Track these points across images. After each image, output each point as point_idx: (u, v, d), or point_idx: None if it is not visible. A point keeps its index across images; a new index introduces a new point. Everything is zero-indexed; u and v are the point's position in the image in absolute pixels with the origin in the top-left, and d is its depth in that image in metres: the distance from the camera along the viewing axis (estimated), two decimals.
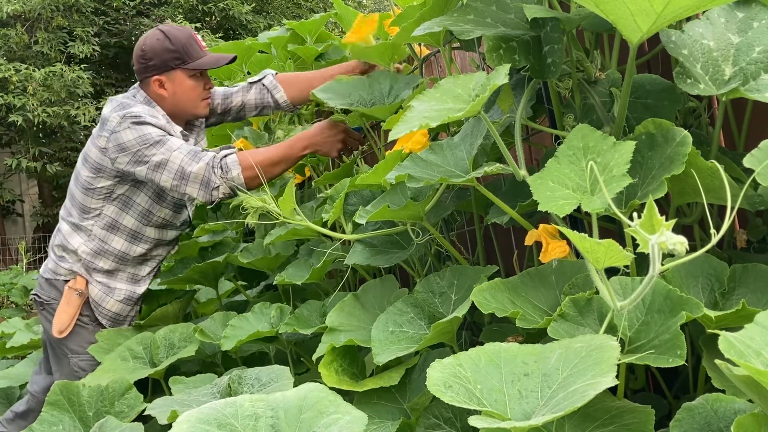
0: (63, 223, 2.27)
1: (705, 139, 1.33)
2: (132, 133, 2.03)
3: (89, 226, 2.20)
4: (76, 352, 2.20)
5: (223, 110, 2.40)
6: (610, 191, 1.02)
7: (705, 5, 1.02)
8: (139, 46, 2.19)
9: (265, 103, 2.37)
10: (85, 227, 2.21)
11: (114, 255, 2.23)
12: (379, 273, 2.02)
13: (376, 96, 1.93)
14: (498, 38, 1.28)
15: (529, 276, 1.28)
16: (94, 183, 2.16)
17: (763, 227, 1.36)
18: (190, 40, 2.17)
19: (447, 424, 1.20)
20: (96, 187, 2.17)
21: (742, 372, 0.73)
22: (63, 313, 2.18)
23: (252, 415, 0.98)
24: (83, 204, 2.20)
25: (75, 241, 2.21)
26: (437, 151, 1.41)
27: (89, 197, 2.19)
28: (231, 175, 1.96)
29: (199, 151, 2.02)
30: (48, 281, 2.27)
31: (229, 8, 11.48)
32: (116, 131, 2.05)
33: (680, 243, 0.75)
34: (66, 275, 2.23)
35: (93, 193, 2.18)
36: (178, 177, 1.99)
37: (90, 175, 2.16)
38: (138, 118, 2.04)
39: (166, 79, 2.16)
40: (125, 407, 1.56)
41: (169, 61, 2.14)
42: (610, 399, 1.00)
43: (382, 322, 1.42)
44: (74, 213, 2.23)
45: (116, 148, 2.06)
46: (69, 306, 2.19)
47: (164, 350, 1.98)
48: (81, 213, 2.21)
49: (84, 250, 2.21)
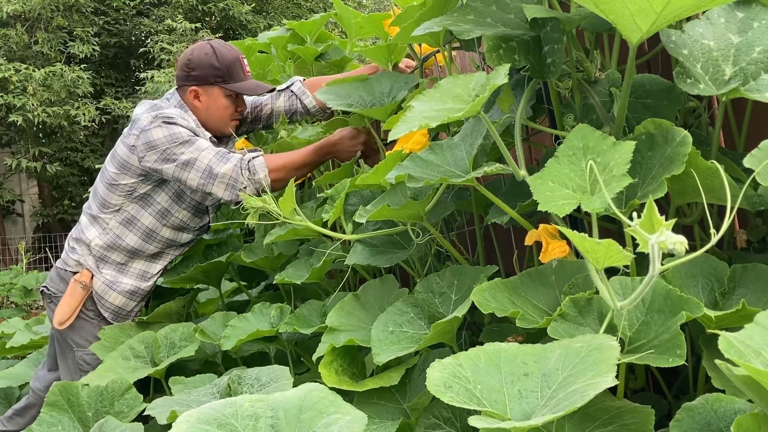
0: (83, 216, 2.33)
1: (705, 139, 1.33)
2: (162, 132, 2.07)
3: (107, 219, 2.24)
4: (80, 345, 2.22)
5: (253, 119, 2.44)
6: (610, 191, 1.02)
7: (705, 5, 1.02)
8: (186, 54, 2.25)
9: (294, 108, 2.41)
10: (102, 220, 2.24)
11: (126, 251, 2.26)
12: (379, 273, 2.02)
13: (377, 97, 1.93)
14: (498, 38, 1.28)
15: (529, 276, 1.28)
16: (118, 179, 2.19)
17: (763, 227, 1.36)
18: (236, 63, 2.21)
19: (447, 424, 1.20)
20: (119, 184, 2.20)
21: (742, 372, 0.73)
22: (65, 305, 2.20)
23: (252, 415, 0.98)
24: (104, 198, 2.24)
25: (90, 233, 2.25)
26: (437, 151, 1.41)
27: (111, 193, 2.22)
28: (258, 177, 2.00)
29: (226, 152, 2.06)
30: (58, 273, 2.31)
31: (229, 8, 11.48)
32: (147, 129, 2.08)
33: (680, 243, 0.75)
34: (74, 267, 2.26)
35: (116, 189, 2.21)
36: (205, 176, 2.02)
37: (115, 171, 2.20)
38: (169, 119, 2.08)
39: (202, 92, 2.20)
40: (125, 407, 1.56)
41: (211, 76, 2.18)
42: (610, 399, 1.00)
43: (382, 322, 1.42)
44: (94, 206, 2.28)
45: (145, 146, 2.08)
46: (72, 298, 2.21)
47: (165, 349, 1.99)
48: (101, 206, 2.25)
49: (97, 242, 2.24)
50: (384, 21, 2.12)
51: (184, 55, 2.25)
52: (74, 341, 2.23)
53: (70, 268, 2.27)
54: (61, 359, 2.29)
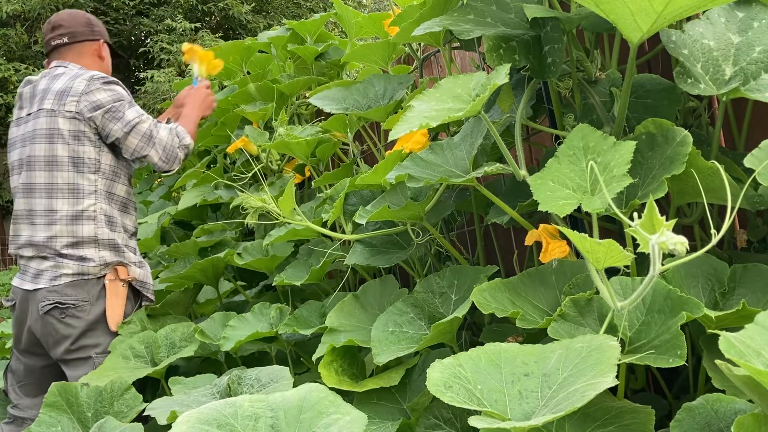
0: (57, 226, 2.13)
1: (705, 139, 1.33)
2: (105, 93, 2.14)
3: (90, 207, 2.15)
4: (99, 348, 2.12)
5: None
6: (611, 191, 1.02)
7: (705, 5, 1.02)
8: (78, 15, 2.34)
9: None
10: (86, 212, 2.14)
11: (123, 228, 2.25)
12: (379, 273, 2.02)
13: (371, 99, 1.94)
14: (498, 38, 1.28)
15: (529, 276, 1.27)
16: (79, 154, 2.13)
17: (763, 227, 1.36)
18: None
19: (447, 425, 1.20)
20: (84, 159, 2.14)
21: (743, 372, 0.73)
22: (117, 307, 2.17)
23: (252, 416, 0.98)
24: (75, 185, 2.14)
25: (85, 230, 2.16)
26: (437, 151, 1.41)
27: (80, 174, 2.14)
28: (186, 142, 2.20)
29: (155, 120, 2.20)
30: (73, 283, 2.14)
31: (228, 8, 11.47)
32: (87, 92, 2.13)
33: (681, 243, 0.75)
34: (99, 272, 2.15)
35: (83, 168, 2.15)
36: (145, 140, 2.13)
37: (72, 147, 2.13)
38: (105, 78, 2.17)
39: (104, 48, 2.33)
40: (124, 407, 1.55)
41: (105, 33, 2.37)
42: (610, 399, 1.00)
43: (382, 323, 1.42)
44: (64, 205, 2.13)
45: (90, 106, 2.12)
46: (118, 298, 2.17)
47: (165, 349, 1.98)
48: (75, 198, 2.14)
49: (101, 234, 2.18)
50: (384, 21, 2.12)
51: (75, 14, 2.33)
52: (93, 346, 2.12)
53: (93, 275, 2.15)
54: (74, 373, 2.12)
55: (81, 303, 2.14)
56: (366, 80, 1.99)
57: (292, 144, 2.22)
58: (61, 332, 2.11)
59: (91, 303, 2.14)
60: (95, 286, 2.15)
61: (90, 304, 2.13)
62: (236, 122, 2.73)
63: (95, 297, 2.15)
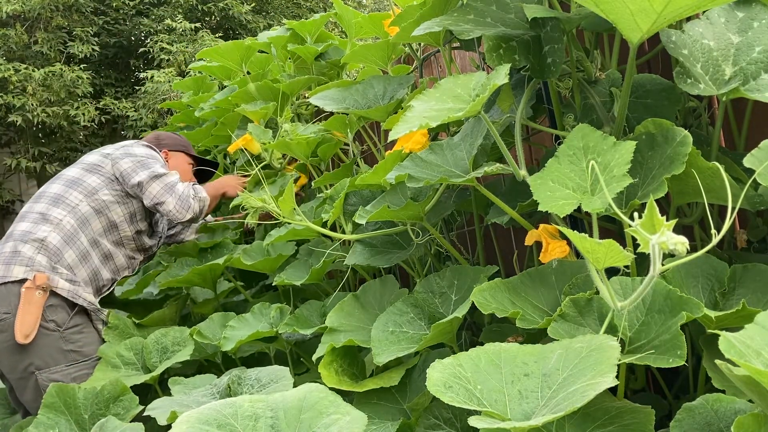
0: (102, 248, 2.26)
1: (705, 139, 1.33)
2: (143, 150, 2.38)
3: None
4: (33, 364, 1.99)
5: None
6: (611, 191, 1.02)
7: (705, 5, 1.01)
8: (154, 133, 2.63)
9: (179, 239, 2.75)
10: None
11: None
12: (379, 273, 2.02)
13: (371, 99, 1.95)
14: (498, 38, 1.28)
15: (529, 276, 1.27)
16: (85, 179, 2.28)
17: (763, 227, 1.36)
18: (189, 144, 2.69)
19: (447, 425, 1.20)
20: (89, 186, 2.28)
21: (743, 372, 0.73)
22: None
23: (252, 416, 0.98)
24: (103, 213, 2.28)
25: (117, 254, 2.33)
26: (437, 151, 1.41)
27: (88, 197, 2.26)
28: (202, 196, 2.34)
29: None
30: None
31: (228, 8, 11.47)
32: (128, 146, 2.39)
33: (681, 243, 0.75)
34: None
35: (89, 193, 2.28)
36: (166, 188, 2.26)
37: (89, 176, 2.29)
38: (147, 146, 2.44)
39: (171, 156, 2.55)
40: (121, 410, 1.55)
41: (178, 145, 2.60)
42: (610, 399, 1.00)
43: (382, 323, 1.42)
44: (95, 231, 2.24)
45: (123, 154, 2.33)
46: None
47: (157, 354, 1.94)
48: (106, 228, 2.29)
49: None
50: (384, 21, 2.12)
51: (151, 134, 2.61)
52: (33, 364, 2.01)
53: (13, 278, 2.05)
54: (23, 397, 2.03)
55: (3, 315, 1.99)
56: (366, 81, 1.99)
57: (293, 144, 2.22)
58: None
59: (12, 314, 1.98)
60: (16, 296, 2.00)
61: (12, 315, 1.98)
62: (236, 122, 2.73)
63: (15, 307, 1.99)
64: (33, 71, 10.01)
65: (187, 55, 10.29)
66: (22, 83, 10.02)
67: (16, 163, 10.42)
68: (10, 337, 1.97)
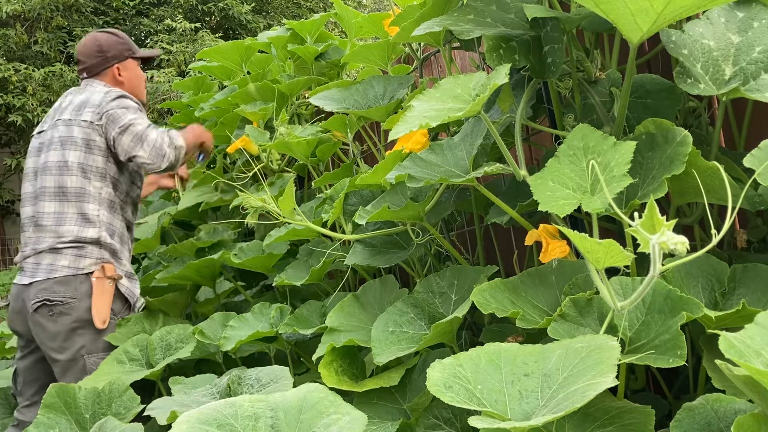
0: (67, 225, 2.22)
1: (705, 139, 1.33)
2: (115, 102, 2.28)
3: (93, 210, 2.25)
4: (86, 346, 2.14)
5: None
6: (611, 191, 1.02)
7: (705, 5, 1.02)
8: (90, 42, 2.45)
9: None
10: (89, 214, 2.24)
11: (118, 235, 2.31)
12: (379, 273, 2.02)
13: (371, 99, 1.95)
14: (498, 38, 1.28)
15: (529, 276, 1.27)
16: (87, 161, 2.25)
17: (763, 227, 1.36)
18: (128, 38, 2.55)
19: (447, 425, 1.20)
20: (92, 167, 2.26)
21: (743, 372, 0.73)
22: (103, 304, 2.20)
23: (252, 416, 0.98)
24: (82, 189, 2.25)
25: (90, 231, 2.25)
26: (437, 151, 1.41)
27: (87, 180, 2.24)
28: (178, 143, 2.27)
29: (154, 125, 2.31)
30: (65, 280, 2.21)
31: (228, 8, 11.47)
32: (100, 103, 2.27)
33: (681, 243, 0.75)
34: (90, 267, 2.22)
35: (90, 174, 2.26)
36: (136, 139, 2.21)
37: (82, 154, 2.25)
38: (119, 93, 2.33)
39: (122, 68, 2.45)
40: (122, 409, 1.55)
41: (125, 51, 2.47)
42: (610, 399, 1.00)
43: (382, 323, 1.42)
44: (71, 206, 2.23)
45: (99, 115, 2.25)
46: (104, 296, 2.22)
47: (161, 351, 1.98)
48: (81, 201, 2.24)
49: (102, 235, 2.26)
50: (384, 21, 2.12)
51: (89, 45, 2.44)
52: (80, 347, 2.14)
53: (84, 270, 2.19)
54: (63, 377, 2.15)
55: (69, 300, 2.16)
56: (366, 81, 1.99)
57: (292, 144, 2.22)
58: (49, 330, 2.14)
59: (78, 299, 2.16)
60: (83, 283, 2.18)
61: (77, 300, 2.15)
62: (236, 122, 2.73)
63: (83, 294, 2.16)
64: (33, 71, 10.01)
65: (187, 55, 10.29)
66: (22, 83, 10.02)
67: (16, 162, 10.43)
68: (73, 320, 2.14)
